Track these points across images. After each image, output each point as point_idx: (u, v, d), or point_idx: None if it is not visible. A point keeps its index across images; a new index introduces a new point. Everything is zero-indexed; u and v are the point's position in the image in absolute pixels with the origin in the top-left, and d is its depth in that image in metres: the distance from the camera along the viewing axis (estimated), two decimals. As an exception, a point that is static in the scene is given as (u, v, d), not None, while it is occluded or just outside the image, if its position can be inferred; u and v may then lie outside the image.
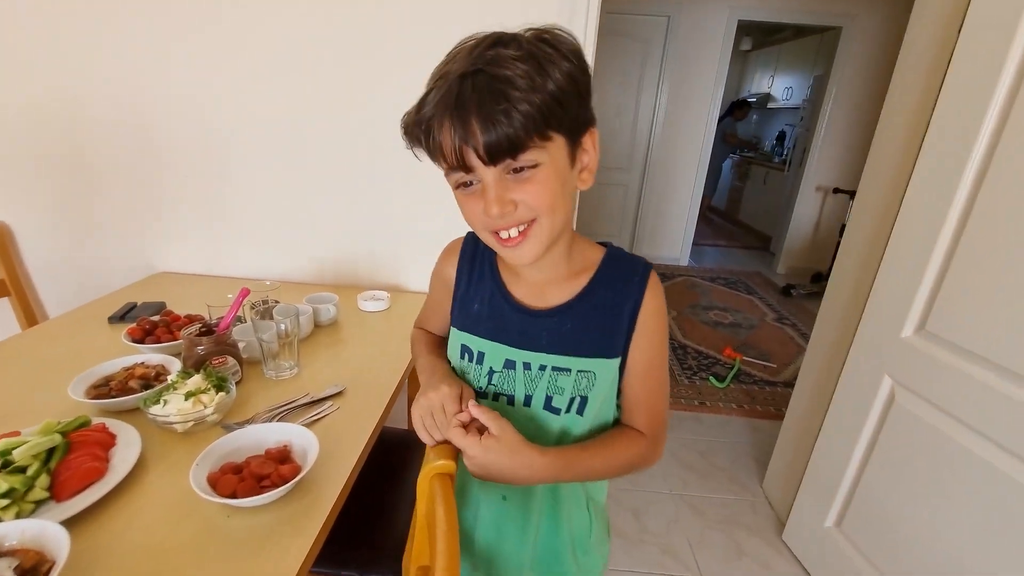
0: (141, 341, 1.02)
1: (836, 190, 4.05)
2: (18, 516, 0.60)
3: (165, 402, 0.78)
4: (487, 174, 0.49)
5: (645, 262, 0.62)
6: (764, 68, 6.23)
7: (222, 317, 0.97)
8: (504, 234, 0.53)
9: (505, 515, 0.67)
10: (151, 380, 0.88)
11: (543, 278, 0.62)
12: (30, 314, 1.47)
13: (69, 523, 0.59)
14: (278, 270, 1.50)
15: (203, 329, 0.93)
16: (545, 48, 0.47)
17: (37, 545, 0.55)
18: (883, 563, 1.23)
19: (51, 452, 0.68)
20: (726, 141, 5.44)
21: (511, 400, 0.63)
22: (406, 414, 1.46)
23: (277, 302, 1.10)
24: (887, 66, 1.35)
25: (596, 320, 0.60)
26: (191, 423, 0.78)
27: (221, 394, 0.81)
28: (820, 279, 3.99)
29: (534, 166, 0.49)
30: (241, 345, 0.97)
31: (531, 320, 0.62)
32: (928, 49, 1.20)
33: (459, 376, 0.65)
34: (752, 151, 6.02)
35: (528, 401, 0.63)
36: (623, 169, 4.37)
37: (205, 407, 0.79)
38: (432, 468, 0.54)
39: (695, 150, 4.27)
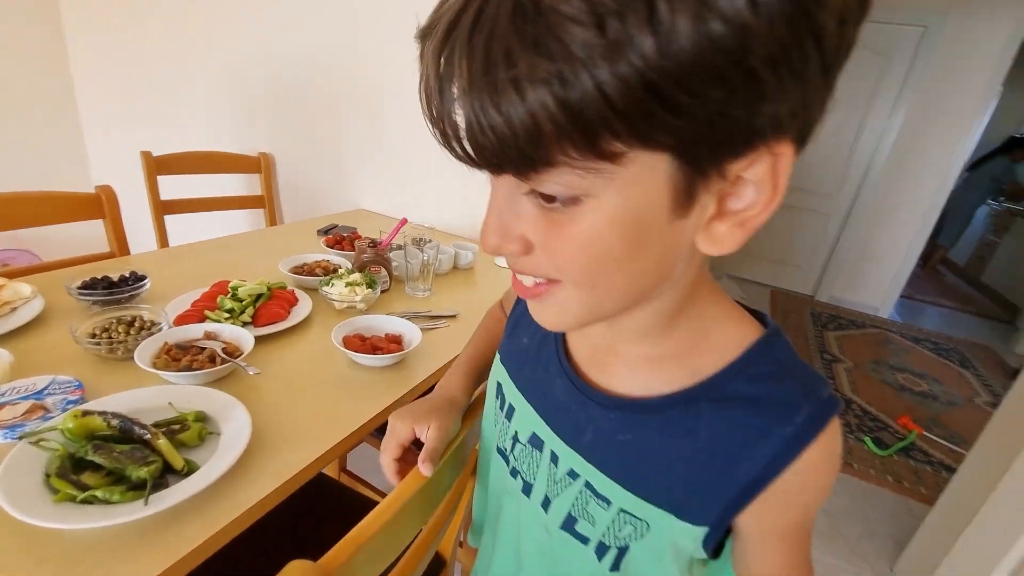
0: (332, 247, 1.35)
1: None
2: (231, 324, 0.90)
3: (332, 284, 1.05)
4: (494, 179, 0.30)
5: (827, 394, 0.33)
6: (1067, 99, 4.86)
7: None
8: (520, 276, 0.34)
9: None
10: (330, 272, 1.17)
11: (614, 337, 0.39)
12: (272, 220, 2.00)
13: (257, 339, 0.85)
14: (442, 219, 1.77)
15: (370, 243, 1.19)
16: None
17: (236, 342, 0.83)
18: None
19: (259, 296, 0.98)
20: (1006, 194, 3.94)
21: (527, 489, 0.44)
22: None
23: (430, 240, 1.34)
24: None
25: (679, 454, 0.35)
26: (345, 304, 1.03)
27: (369, 290, 1.05)
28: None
29: (574, 200, 0.26)
30: (394, 264, 1.22)
31: (578, 397, 0.40)
32: None
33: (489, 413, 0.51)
34: None
35: (546, 506, 0.43)
36: (829, 196, 3.89)
37: (356, 295, 1.03)
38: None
39: (929, 187, 3.57)
